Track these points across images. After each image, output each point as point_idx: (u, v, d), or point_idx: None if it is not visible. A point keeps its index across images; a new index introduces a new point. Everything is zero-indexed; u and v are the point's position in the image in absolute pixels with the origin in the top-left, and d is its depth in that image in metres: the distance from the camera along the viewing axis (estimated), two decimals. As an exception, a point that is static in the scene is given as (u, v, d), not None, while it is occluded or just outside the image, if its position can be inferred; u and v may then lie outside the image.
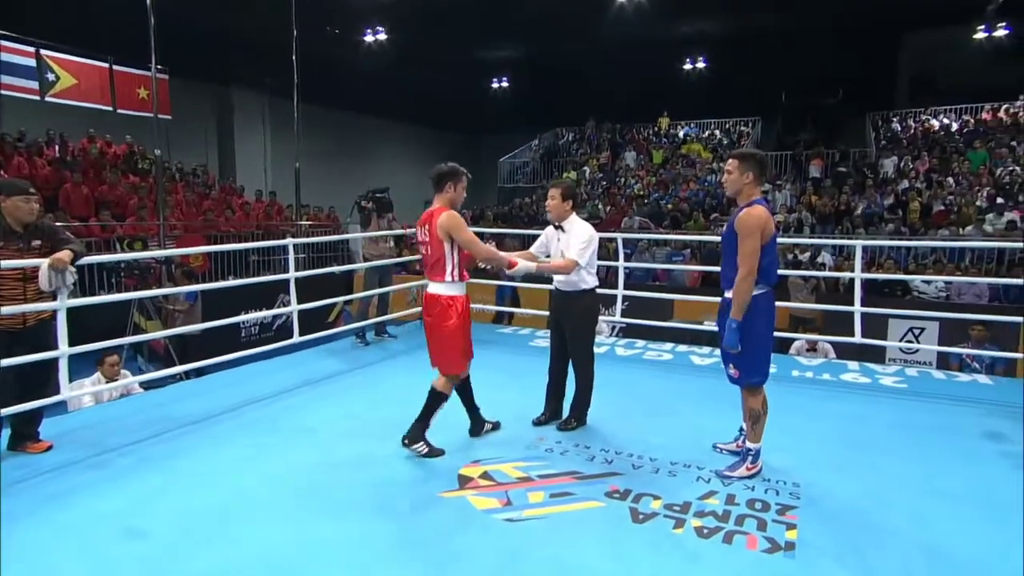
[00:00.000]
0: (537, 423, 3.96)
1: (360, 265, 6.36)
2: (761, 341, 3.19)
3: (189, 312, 7.47)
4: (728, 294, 3.18)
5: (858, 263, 5.45)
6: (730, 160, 3.20)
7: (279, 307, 8.98)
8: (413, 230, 3.65)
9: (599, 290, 3.92)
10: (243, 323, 9.38)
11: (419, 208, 8.11)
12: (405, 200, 16.65)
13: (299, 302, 5.24)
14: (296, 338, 5.19)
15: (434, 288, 3.46)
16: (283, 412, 4.17)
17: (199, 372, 5.27)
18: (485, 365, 4.70)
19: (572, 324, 3.85)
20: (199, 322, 6.38)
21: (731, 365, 3.26)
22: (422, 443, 3.52)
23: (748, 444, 3.34)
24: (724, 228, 3.26)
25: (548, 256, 3.91)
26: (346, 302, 10.04)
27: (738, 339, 3.13)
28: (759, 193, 3.20)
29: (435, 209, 3.47)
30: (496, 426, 3.85)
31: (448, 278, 3.42)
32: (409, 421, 3.53)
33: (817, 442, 3.79)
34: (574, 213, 3.82)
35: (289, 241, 5.25)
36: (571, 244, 3.75)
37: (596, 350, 4.00)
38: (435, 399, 3.54)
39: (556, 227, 3.84)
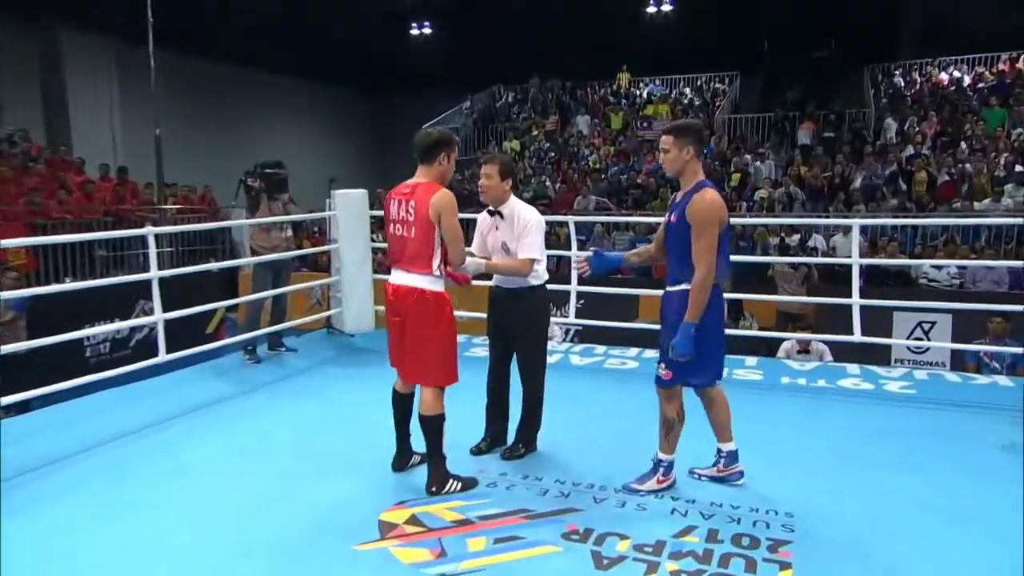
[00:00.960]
0: (476, 452, 4.00)
1: (247, 260, 6.26)
2: (714, 338, 3.45)
3: (11, 325, 7.18)
4: (673, 288, 3.41)
5: (855, 246, 5.70)
6: (664, 137, 3.41)
7: (138, 317, 8.72)
8: (317, 215, 3.62)
9: (548, 286, 3.98)
10: (88, 339, 9.10)
11: (321, 188, 8.03)
12: (301, 178, 16.37)
13: (165, 309, 5.11)
14: (162, 356, 5.07)
15: (415, 280, 3.43)
16: (146, 453, 4.07)
17: (24, 407, 5.04)
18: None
19: (519, 328, 3.89)
20: (23, 339, 6.14)
21: (661, 364, 3.47)
22: (452, 480, 3.54)
23: (660, 455, 3.57)
24: (670, 215, 3.44)
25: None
26: (229, 308, 9.83)
27: (693, 346, 3.33)
28: (702, 172, 3.44)
29: (421, 183, 3.45)
30: (424, 459, 3.84)
31: (435, 271, 3.42)
32: (314, 455, 3.44)
33: (812, 462, 3.95)
34: (512, 194, 3.88)
35: (149, 231, 5.11)
36: (515, 234, 3.78)
37: (547, 359, 4.07)
38: (432, 427, 3.50)
39: (492, 212, 3.88)
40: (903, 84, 17.17)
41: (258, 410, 4.80)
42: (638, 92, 19.73)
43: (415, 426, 3.63)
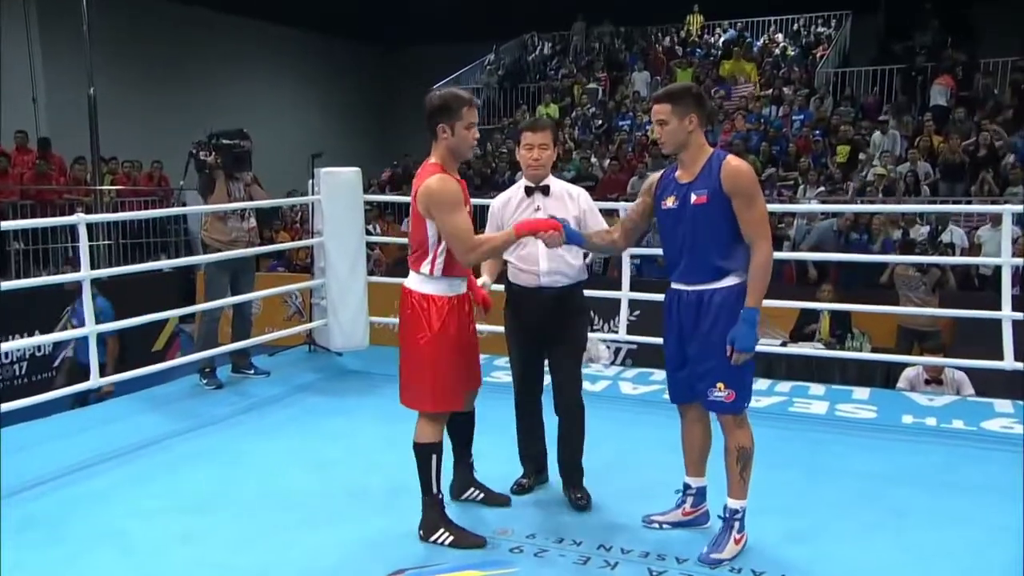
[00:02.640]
0: (519, 490, 4.19)
1: (202, 258, 6.33)
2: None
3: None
4: (708, 286, 3.57)
5: (1006, 240, 5.61)
6: (657, 106, 3.59)
7: (65, 329, 8.80)
8: (297, 200, 3.72)
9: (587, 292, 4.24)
10: (-1, 357, 9.22)
11: (301, 164, 8.06)
12: (281, 152, 16.51)
13: (100, 320, 5.16)
14: (95, 380, 5.11)
15: (407, 280, 3.71)
16: (73, 506, 4.09)
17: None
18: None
19: (568, 334, 4.10)
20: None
21: (721, 385, 3.55)
22: (442, 530, 3.68)
23: (731, 503, 3.61)
24: (684, 195, 3.57)
25: None
26: (184, 318, 9.94)
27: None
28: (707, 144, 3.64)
29: (426, 164, 3.66)
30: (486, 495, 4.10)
31: (425, 269, 3.62)
32: (284, 511, 3.42)
33: (946, 527, 3.86)
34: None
35: (80, 219, 5.17)
36: (577, 210, 4.05)
37: (590, 387, 4.22)
38: (419, 457, 3.67)
39: (532, 190, 4.06)
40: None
41: (214, 453, 4.81)
42: (714, 40, 19.66)
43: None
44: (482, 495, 4.11)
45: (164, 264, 9.04)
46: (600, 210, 4.24)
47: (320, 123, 22.73)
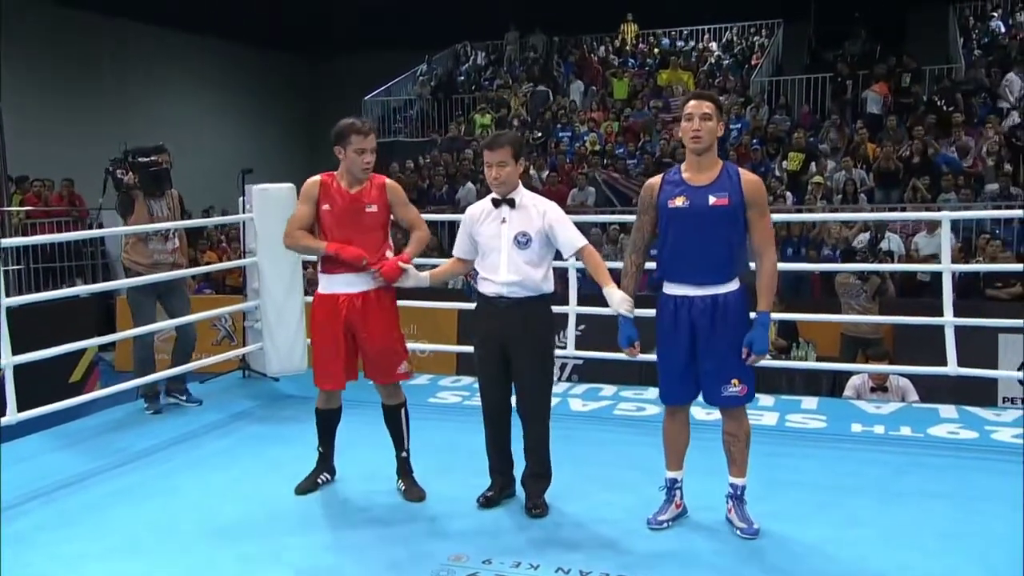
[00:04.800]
0: (485, 503, 4.27)
1: (125, 282, 6.18)
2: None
3: None
4: (720, 289, 3.80)
5: (946, 246, 5.71)
6: (705, 103, 3.80)
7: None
8: (227, 219, 3.75)
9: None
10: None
11: (222, 179, 7.88)
12: (204, 167, 16.25)
13: (15, 351, 5.00)
14: (12, 416, 4.93)
15: None
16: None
17: None
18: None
19: (530, 346, 4.16)
20: None
21: (736, 381, 3.85)
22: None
23: (740, 481, 3.99)
24: (699, 196, 3.78)
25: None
26: (102, 347, 9.68)
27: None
28: None
29: None
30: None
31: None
32: (225, 543, 3.31)
33: (898, 537, 3.90)
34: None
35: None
36: (543, 223, 4.13)
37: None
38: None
39: (499, 202, 4.18)
40: (1003, 30, 17.11)
41: (144, 489, 4.64)
42: (649, 49, 19.84)
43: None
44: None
45: (80, 289, 8.77)
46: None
47: (246, 137, 22.40)
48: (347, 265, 4.24)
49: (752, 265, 3.96)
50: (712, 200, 3.74)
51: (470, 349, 4.52)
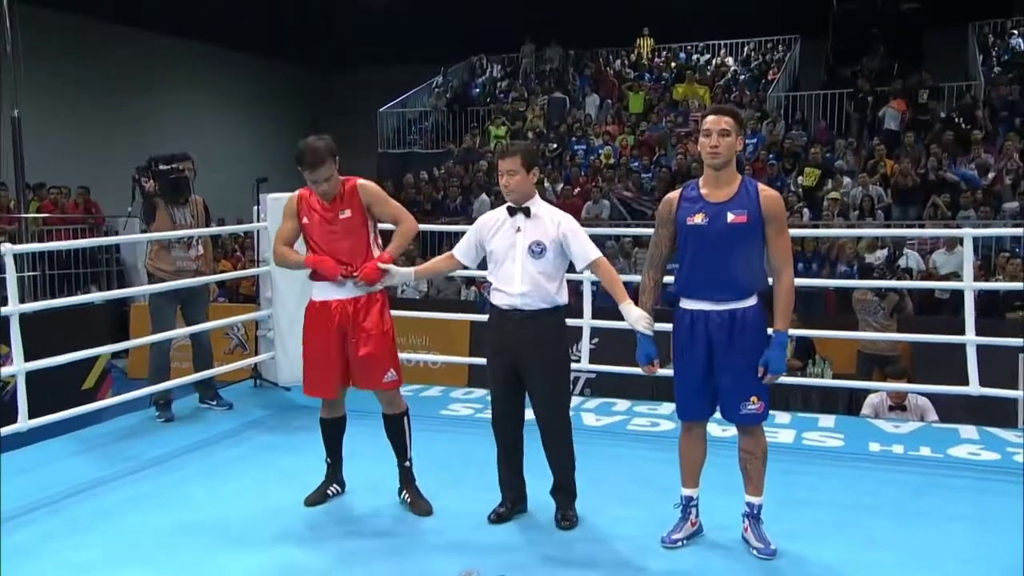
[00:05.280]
0: (496, 519, 4.22)
1: (143, 289, 6.21)
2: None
3: None
4: (739, 304, 3.80)
5: (968, 264, 5.66)
6: (723, 118, 3.77)
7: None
8: (241, 227, 3.69)
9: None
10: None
11: (243, 192, 7.90)
12: (220, 177, 16.23)
13: (29, 357, 5.00)
14: (23, 423, 4.92)
15: None
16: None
17: None
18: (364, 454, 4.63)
19: (544, 359, 4.14)
20: None
21: (755, 398, 3.84)
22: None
23: (757, 500, 3.95)
24: (717, 213, 3.76)
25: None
26: (115, 354, 9.68)
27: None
28: None
29: None
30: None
31: None
32: (239, 552, 3.29)
33: (917, 560, 3.86)
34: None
35: (6, 249, 5.02)
36: (556, 232, 4.11)
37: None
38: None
39: (514, 210, 4.16)
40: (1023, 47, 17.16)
41: (157, 497, 4.62)
42: (665, 63, 19.84)
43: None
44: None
45: (96, 296, 8.75)
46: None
47: (261, 147, 22.48)
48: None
49: (770, 280, 3.92)
50: (731, 218, 3.72)
51: (482, 361, 4.51)
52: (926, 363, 8.25)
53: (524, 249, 4.09)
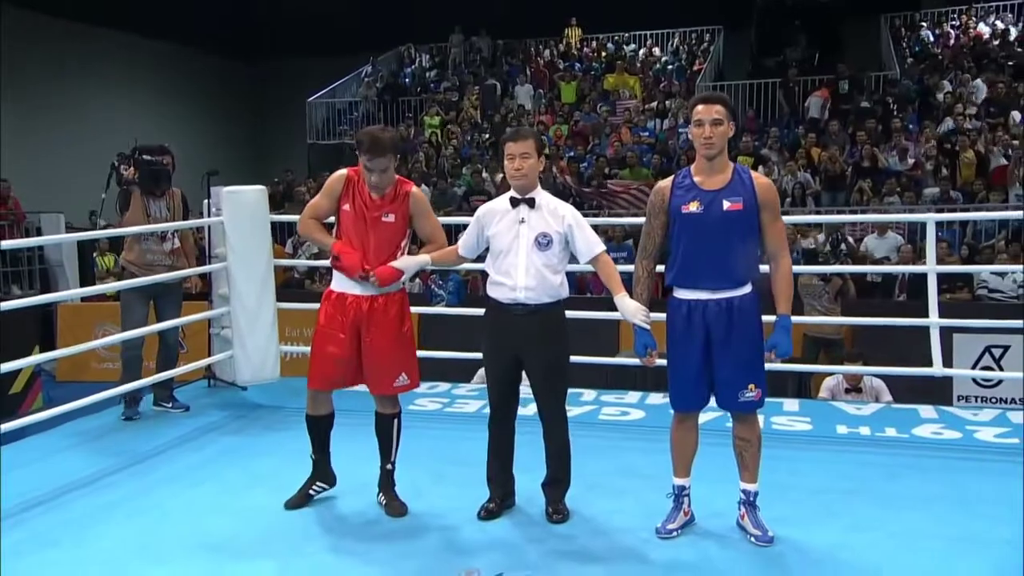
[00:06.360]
0: (486, 515, 4.15)
1: (110, 286, 6.03)
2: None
3: None
4: (735, 293, 3.78)
5: (931, 249, 5.74)
6: (714, 106, 3.74)
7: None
8: (192, 222, 3.53)
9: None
10: None
11: (191, 184, 7.70)
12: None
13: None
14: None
15: None
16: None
17: None
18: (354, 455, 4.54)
19: (548, 355, 4.09)
20: None
21: (752, 386, 3.82)
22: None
23: (753, 487, 3.93)
24: (712, 201, 3.74)
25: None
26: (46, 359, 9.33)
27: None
28: None
29: None
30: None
31: None
32: (214, 561, 3.34)
33: (909, 541, 3.90)
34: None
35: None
36: (563, 224, 4.04)
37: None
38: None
39: (519, 201, 4.07)
40: (933, 38, 17.74)
41: (125, 507, 4.40)
42: (594, 52, 19.92)
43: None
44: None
45: (26, 302, 8.43)
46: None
47: (191, 140, 21.99)
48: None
49: (764, 268, 3.93)
50: (726, 205, 3.71)
51: (434, 354, 4.47)
52: (867, 344, 8.34)
53: (530, 241, 4.01)
